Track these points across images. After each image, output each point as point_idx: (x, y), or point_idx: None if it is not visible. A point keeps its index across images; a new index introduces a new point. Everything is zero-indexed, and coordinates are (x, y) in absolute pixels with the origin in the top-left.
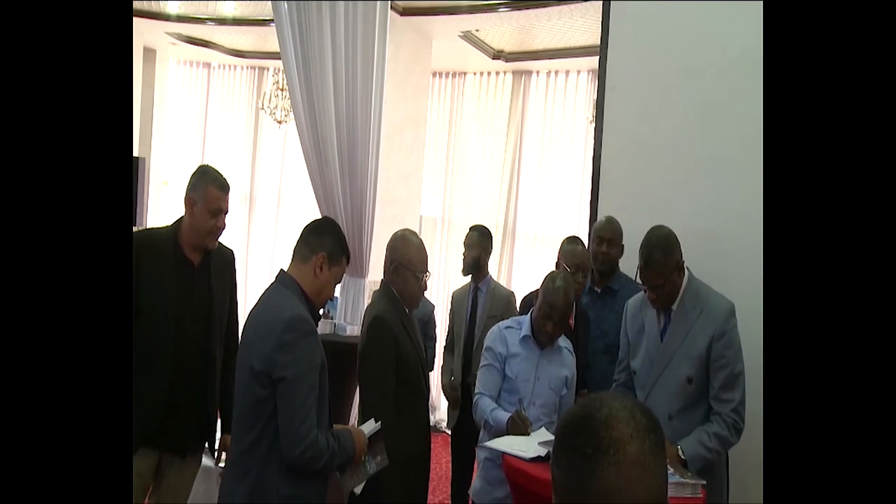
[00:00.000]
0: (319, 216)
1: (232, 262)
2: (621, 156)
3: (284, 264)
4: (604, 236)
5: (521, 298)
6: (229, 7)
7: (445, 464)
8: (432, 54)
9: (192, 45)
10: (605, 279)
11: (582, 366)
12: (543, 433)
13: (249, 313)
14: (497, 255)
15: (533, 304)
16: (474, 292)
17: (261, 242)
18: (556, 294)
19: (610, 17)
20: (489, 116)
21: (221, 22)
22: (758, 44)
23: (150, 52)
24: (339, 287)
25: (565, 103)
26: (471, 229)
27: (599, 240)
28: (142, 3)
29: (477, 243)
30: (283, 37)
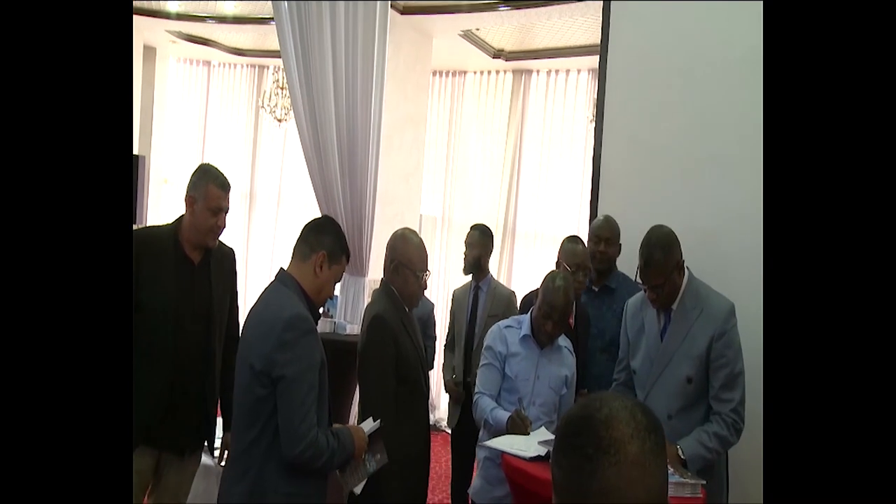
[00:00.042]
0: (319, 215)
1: (233, 260)
2: (621, 156)
3: (284, 263)
4: (601, 235)
5: (521, 298)
6: (229, 5)
7: (445, 463)
8: (432, 53)
9: (192, 44)
10: (602, 278)
11: (581, 365)
12: (543, 432)
13: (249, 312)
14: (497, 254)
15: (533, 304)
16: (475, 291)
17: (260, 241)
18: (556, 293)
19: (610, 17)
20: (489, 115)
21: (221, 20)
22: (758, 44)
23: (150, 50)
24: (338, 286)
25: (565, 102)
26: (472, 228)
27: (597, 239)
28: (142, 2)
29: (479, 242)
30: (283, 35)
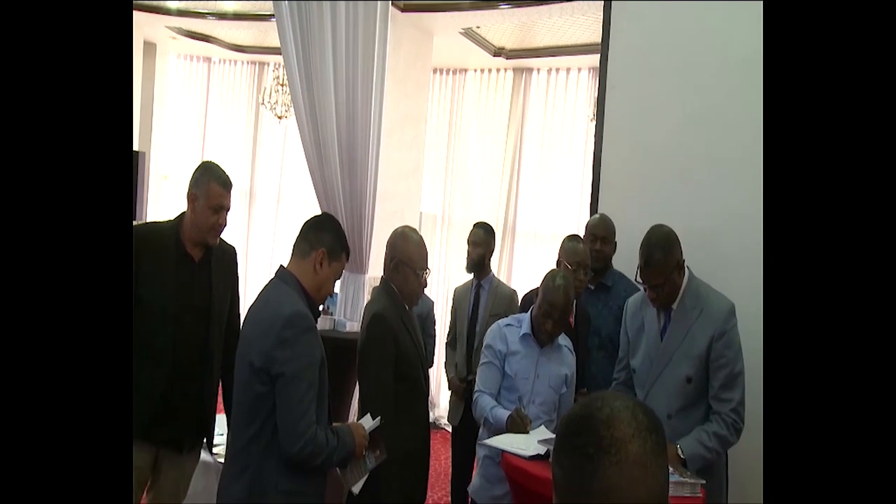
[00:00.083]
0: (319, 212)
1: (234, 258)
2: (621, 155)
3: (284, 260)
4: (597, 233)
5: (522, 296)
6: (230, 2)
7: (445, 460)
8: (433, 51)
9: (192, 40)
10: (598, 276)
11: (580, 364)
12: (543, 431)
13: (249, 309)
14: (497, 252)
15: (533, 302)
16: (476, 289)
17: (260, 238)
18: (556, 292)
19: (611, 16)
20: (490, 113)
21: (222, 16)
22: (758, 44)
23: (150, 46)
24: (338, 283)
25: (566, 101)
26: (476, 226)
27: (593, 237)
28: None
29: (482, 241)
30: (283, 32)
